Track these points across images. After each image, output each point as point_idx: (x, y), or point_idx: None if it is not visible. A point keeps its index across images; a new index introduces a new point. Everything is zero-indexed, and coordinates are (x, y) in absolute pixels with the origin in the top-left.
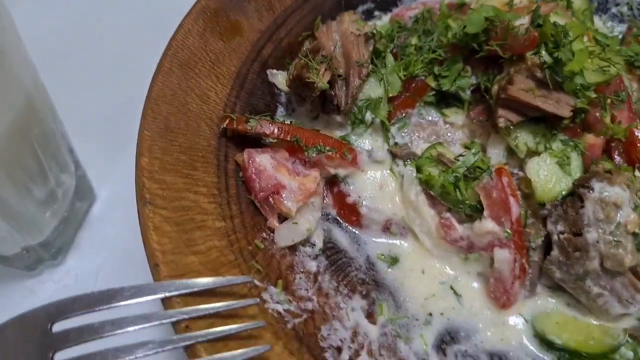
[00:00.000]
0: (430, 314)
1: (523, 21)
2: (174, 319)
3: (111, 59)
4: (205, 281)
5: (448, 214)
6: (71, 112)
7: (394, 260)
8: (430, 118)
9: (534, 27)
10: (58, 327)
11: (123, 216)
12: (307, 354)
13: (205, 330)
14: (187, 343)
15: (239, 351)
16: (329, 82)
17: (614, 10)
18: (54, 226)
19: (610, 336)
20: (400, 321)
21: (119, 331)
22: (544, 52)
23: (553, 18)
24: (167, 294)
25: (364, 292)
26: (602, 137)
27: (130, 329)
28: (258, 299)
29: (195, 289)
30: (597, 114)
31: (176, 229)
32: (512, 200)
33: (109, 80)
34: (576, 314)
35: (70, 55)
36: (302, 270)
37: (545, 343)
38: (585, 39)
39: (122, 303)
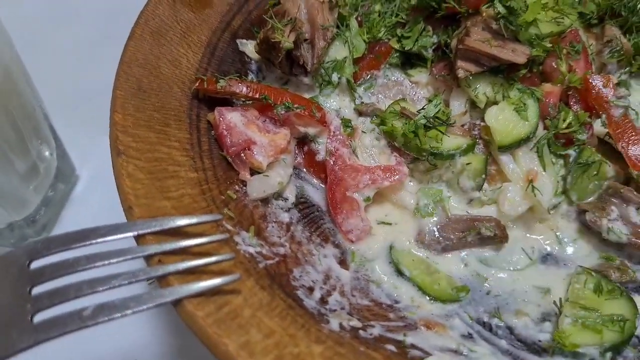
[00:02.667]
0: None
1: None
2: (146, 253)
3: (92, 41)
4: (176, 219)
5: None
6: (53, 94)
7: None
8: (395, 78)
9: None
10: (36, 264)
11: (104, 195)
12: (278, 289)
13: (177, 263)
14: (160, 274)
15: (210, 281)
16: (294, 44)
17: None
18: (37, 202)
19: (452, 288)
20: (369, 264)
21: (94, 265)
22: (497, 3)
23: None
24: (140, 232)
25: (336, 242)
26: (559, 85)
27: (105, 262)
28: (227, 235)
29: (167, 227)
30: (554, 64)
31: (149, 177)
32: None
33: (90, 63)
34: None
35: (50, 37)
36: (274, 220)
37: (398, 271)
38: None
39: (97, 240)
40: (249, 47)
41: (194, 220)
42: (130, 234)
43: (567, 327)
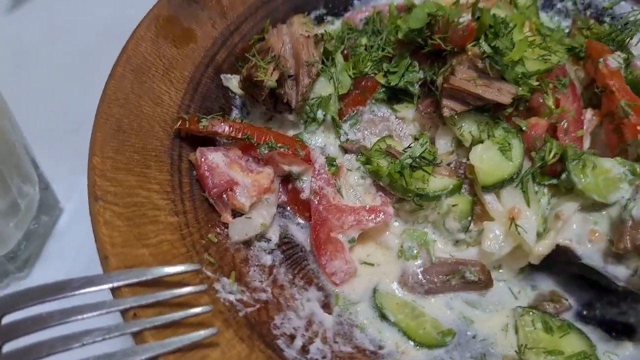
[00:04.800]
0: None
1: (468, 16)
2: (121, 307)
3: (78, 71)
4: (153, 271)
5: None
6: (36, 126)
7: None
8: (381, 114)
9: (474, 19)
10: (8, 319)
11: (89, 228)
12: (258, 340)
13: (153, 317)
14: (135, 330)
15: (186, 336)
16: (277, 81)
17: (559, 5)
18: (18, 238)
19: (437, 332)
20: (353, 308)
21: (68, 320)
22: (483, 43)
23: (494, 11)
24: (116, 284)
25: (320, 284)
26: (545, 118)
27: (79, 317)
28: (206, 285)
29: (144, 278)
30: (540, 99)
31: (127, 224)
32: None
33: (77, 92)
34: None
35: (36, 66)
36: (257, 263)
37: (382, 316)
38: (527, 30)
39: (71, 294)
40: (233, 82)
41: (171, 270)
42: (106, 286)
43: None
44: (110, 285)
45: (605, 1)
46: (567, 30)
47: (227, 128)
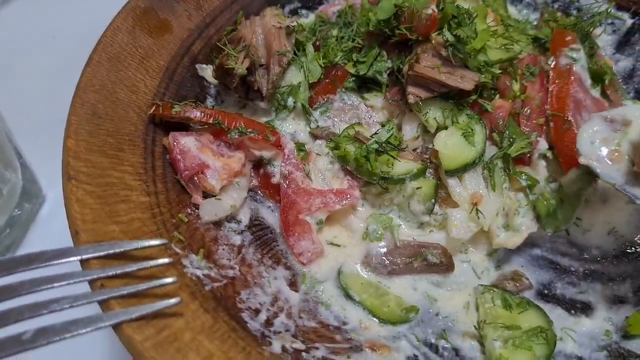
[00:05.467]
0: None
1: (433, 7)
2: (89, 278)
3: (65, 64)
4: (121, 244)
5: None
6: (21, 118)
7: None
8: (351, 102)
9: (438, 10)
10: None
11: None
12: (223, 312)
13: (120, 287)
14: (102, 298)
15: (150, 305)
16: (248, 69)
17: None
18: (1, 225)
19: (401, 309)
20: (319, 286)
21: (37, 289)
22: (446, 31)
23: (459, 3)
24: (85, 256)
25: (287, 264)
26: (510, 101)
27: (48, 286)
28: (172, 259)
29: (112, 251)
30: (507, 82)
31: (99, 202)
32: None
33: (64, 85)
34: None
35: (22, 60)
36: (226, 243)
37: (347, 295)
38: (491, 19)
39: (42, 265)
40: (208, 72)
41: (139, 244)
42: (75, 258)
43: (500, 350)
44: (80, 257)
45: None
46: (535, 23)
47: (198, 113)
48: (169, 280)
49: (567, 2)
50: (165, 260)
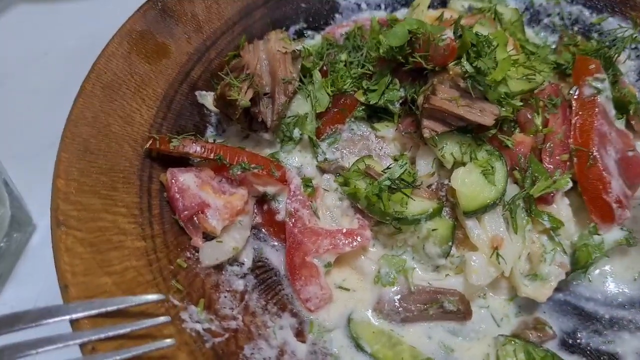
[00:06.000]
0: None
1: (449, 34)
2: (79, 341)
3: (56, 85)
4: (115, 301)
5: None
6: (10, 142)
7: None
8: (361, 133)
9: (456, 38)
10: None
11: None
12: None
13: (113, 352)
14: None
15: None
16: (252, 100)
17: (545, 21)
18: None
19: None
20: (327, 336)
21: (21, 355)
22: (465, 62)
23: (477, 29)
24: (75, 316)
25: (294, 310)
26: (531, 136)
27: (33, 352)
28: (169, 317)
29: (104, 309)
30: (528, 114)
31: (90, 250)
32: None
33: (54, 107)
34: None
35: (7, 86)
36: (228, 289)
37: (358, 346)
38: (511, 48)
39: (27, 326)
40: (209, 100)
41: (134, 300)
42: (64, 317)
43: None
44: (69, 316)
45: (593, 17)
46: (553, 47)
47: (198, 148)
48: (167, 342)
49: (587, 25)
50: (164, 319)
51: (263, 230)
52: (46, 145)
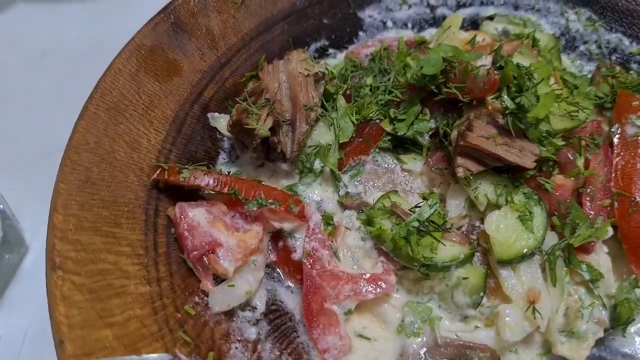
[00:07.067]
0: None
1: (485, 62)
2: None
3: (52, 98)
4: None
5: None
6: (4, 146)
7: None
8: (386, 165)
9: (495, 68)
10: None
11: None
12: None
13: None
14: None
15: None
16: (271, 129)
17: (582, 48)
18: None
19: None
20: None
21: None
22: (505, 97)
23: (517, 58)
24: None
25: None
26: (572, 178)
27: None
28: None
29: None
30: (570, 155)
31: (89, 298)
32: None
33: (49, 116)
34: None
35: (6, 93)
36: (239, 338)
37: None
38: (552, 81)
39: None
40: (222, 123)
41: None
42: None
43: None
44: None
45: (633, 46)
46: (589, 76)
47: (211, 181)
48: None
49: (626, 55)
50: None
51: (277, 269)
52: (41, 155)
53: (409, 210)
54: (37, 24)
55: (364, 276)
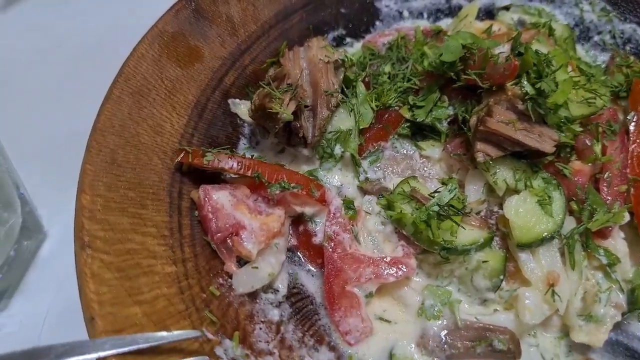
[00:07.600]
0: None
1: (503, 49)
2: None
3: (69, 85)
4: (147, 337)
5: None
6: (22, 140)
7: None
8: (404, 151)
9: (515, 55)
10: None
11: None
12: None
13: None
14: None
15: None
16: (294, 113)
17: (596, 38)
18: None
19: None
20: None
21: None
22: (525, 83)
23: (535, 46)
24: (102, 354)
25: (331, 344)
26: (590, 164)
27: None
28: (207, 358)
29: (135, 347)
30: (587, 141)
31: (118, 276)
32: None
33: (68, 101)
34: None
35: (20, 80)
36: (262, 319)
37: None
38: (569, 68)
39: None
40: (242, 109)
41: (168, 337)
42: (91, 356)
43: None
44: (97, 354)
45: None
46: (603, 66)
47: (235, 164)
48: None
49: None
50: (200, 358)
51: (298, 253)
52: (58, 143)
53: (429, 195)
54: (51, 13)
55: (384, 259)
